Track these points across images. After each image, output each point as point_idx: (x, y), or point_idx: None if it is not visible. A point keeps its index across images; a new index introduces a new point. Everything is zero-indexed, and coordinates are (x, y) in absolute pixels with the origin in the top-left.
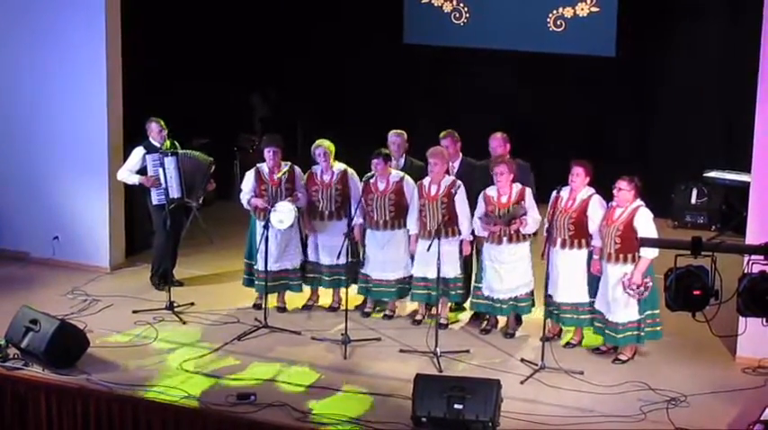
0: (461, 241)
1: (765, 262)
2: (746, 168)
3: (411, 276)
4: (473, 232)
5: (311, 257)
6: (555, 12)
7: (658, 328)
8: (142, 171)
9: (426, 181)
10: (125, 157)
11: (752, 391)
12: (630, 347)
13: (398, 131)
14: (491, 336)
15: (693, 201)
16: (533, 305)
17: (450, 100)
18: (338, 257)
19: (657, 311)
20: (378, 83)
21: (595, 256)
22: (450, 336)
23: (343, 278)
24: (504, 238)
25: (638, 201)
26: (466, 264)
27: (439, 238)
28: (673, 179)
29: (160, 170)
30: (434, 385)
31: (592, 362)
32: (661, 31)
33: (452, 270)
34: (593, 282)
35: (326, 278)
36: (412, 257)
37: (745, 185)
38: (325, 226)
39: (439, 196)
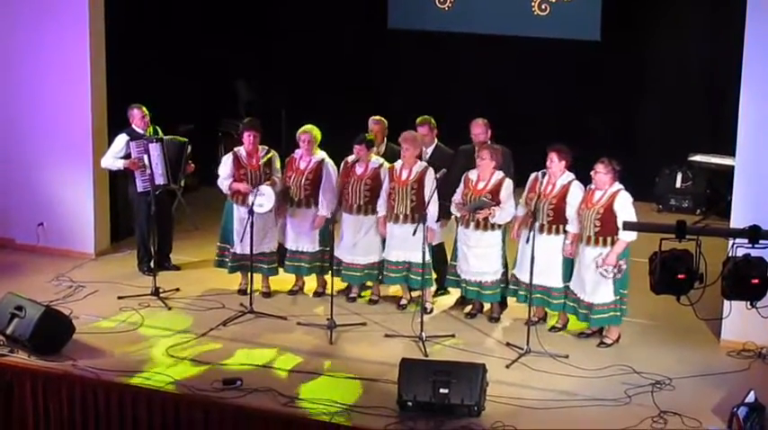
0: (427, 227)
1: (749, 245)
2: (731, 152)
3: (381, 261)
4: (439, 217)
5: (286, 241)
6: None
7: (624, 307)
8: (126, 158)
9: (398, 164)
10: (109, 144)
11: (736, 374)
12: (615, 331)
13: (377, 118)
14: (476, 321)
15: (678, 184)
16: (502, 293)
17: (434, 85)
18: (319, 244)
19: (625, 292)
20: (362, 68)
21: (568, 241)
22: (435, 321)
23: (307, 266)
24: (472, 224)
25: (618, 185)
26: (437, 247)
27: (423, 223)
28: (657, 163)
29: (145, 157)
30: (420, 369)
31: (577, 346)
32: (646, 15)
33: (419, 254)
34: (569, 268)
35: (294, 263)
36: (383, 242)
37: (730, 169)
38: (295, 212)
39: (409, 181)
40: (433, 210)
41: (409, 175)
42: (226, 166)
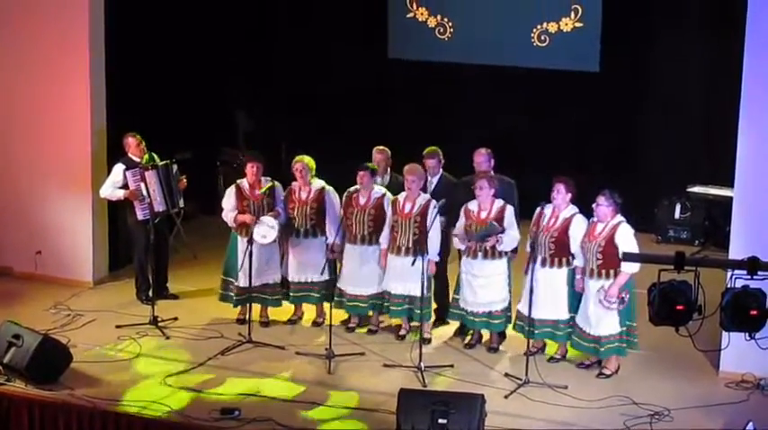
0: (428, 261)
1: (748, 276)
2: (730, 183)
3: (383, 292)
4: (440, 251)
5: (289, 274)
6: (539, 27)
7: (635, 340)
8: (125, 187)
9: (402, 197)
10: (108, 172)
11: (735, 406)
12: (614, 362)
13: (381, 148)
14: (475, 351)
15: (677, 215)
16: (509, 322)
17: (434, 115)
18: (321, 274)
19: (635, 324)
20: (362, 98)
21: (578, 275)
22: (434, 351)
23: (317, 296)
24: (480, 253)
25: (619, 217)
26: (437, 280)
27: (423, 255)
28: (656, 194)
29: (142, 185)
30: (419, 399)
31: (576, 377)
32: (644, 46)
33: (419, 287)
34: (575, 299)
35: (302, 295)
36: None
37: (728, 200)
38: (300, 243)
39: (413, 214)
40: (436, 244)
41: (412, 208)
42: (229, 199)
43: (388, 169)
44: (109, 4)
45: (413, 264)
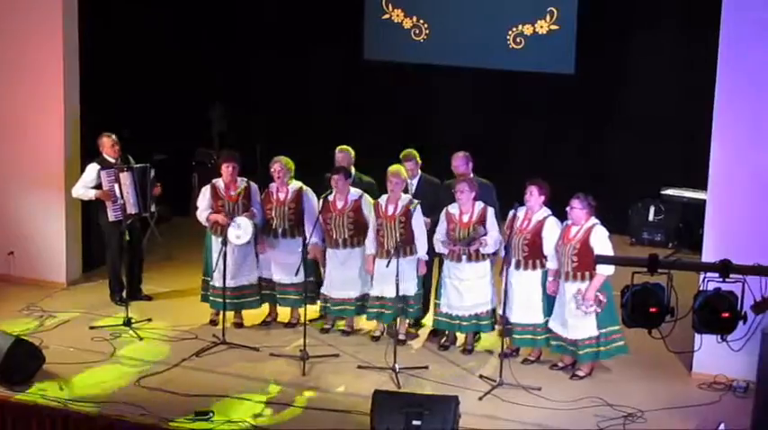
0: (418, 260)
1: (720, 279)
2: (704, 186)
3: (376, 297)
4: (433, 250)
5: (265, 274)
6: (515, 29)
7: (621, 343)
8: (97, 187)
9: (383, 200)
10: (81, 172)
11: (707, 407)
12: (588, 363)
13: (343, 147)
14: (449, 353)
15: (651, 218)
16: (495, 323)
17: (409, 116)
18: (296, 275)
19: (617, 327)
20: (337, 99)
21: (550, 278)
22: (408, 353)
23: (295, 297)
24: (464, 257)
25: (594, 220)
26: (423, 280)
27: (398, 256)
28: (630, 196)
29: (116, 186)
30: (393, 401)
31: (550, 378)
32: (619, 49)
33: (410, 287)
34: (549, 302)
35: (280, 296)
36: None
37: (702, 203)
38: (278, 244)
39: (396, 216)
40: (423, 242)
41: (395, 210)
42: (204, 198)
43: (352, 168)
44: (83, 3)
45: (387, 265)
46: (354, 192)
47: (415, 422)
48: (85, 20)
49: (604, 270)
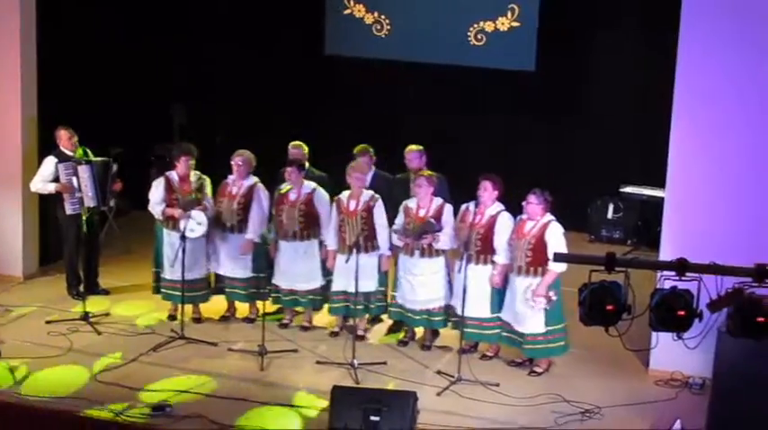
0: (380, 256)
1: (677, 278)
2: (662, 184)
3: (323, 287)
4: (391, 245)
5: (214, 268)
6: (476, 25)
7: (563, 343)
8: (55, 180)
9: (344, 196)
10: (38, 166)
11: (664, 403)
12: (546, 360)
13: (297, 143)
14: (408, 348)
15: (610, 215)
16: (447, 319)
17: (370, 112)
18: (252, 271)
19: (561, 326)
20: (298, 94)
21: (494, 271)
22: (367, 348)
23: (242, 292)
24: (417, 251)
25: (549, 216)
26: (385, 276)
27: (358, 252)
28: (589, 193)
29: (74, 179)
30: (351, 397)
31: (508, 375)
32: (580, 46)
33: (372, 283)
34: (501, 297)
35: (228, 289)
36: (328, 270)
37: (661, 201)
38: (226, 238)
39: (358, 211)
40: (385, 237)
41: (357, 205)
42: (157, 191)
43: (306, 164)
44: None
45: (347, 261)
46: (308, 185)
47: (373, 418)
48: (44, 10)
49: (557, 267)
